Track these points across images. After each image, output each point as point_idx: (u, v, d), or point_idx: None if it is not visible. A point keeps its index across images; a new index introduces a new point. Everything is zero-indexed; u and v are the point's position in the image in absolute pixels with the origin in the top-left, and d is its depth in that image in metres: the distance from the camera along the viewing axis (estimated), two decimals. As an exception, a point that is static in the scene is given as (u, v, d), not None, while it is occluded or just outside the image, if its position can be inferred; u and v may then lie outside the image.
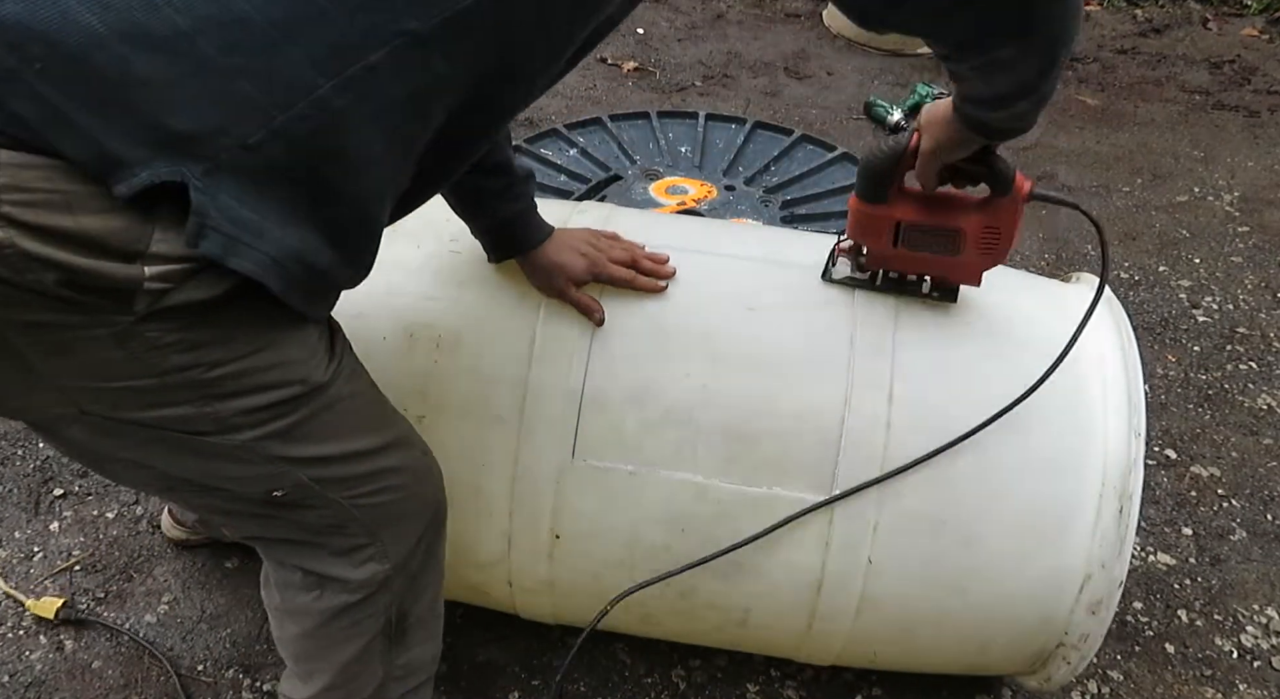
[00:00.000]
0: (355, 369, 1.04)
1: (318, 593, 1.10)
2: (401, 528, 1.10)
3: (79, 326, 0.80)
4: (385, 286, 1.31)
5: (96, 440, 0.92)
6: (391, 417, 1.10)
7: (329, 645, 1.15)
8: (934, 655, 1.36)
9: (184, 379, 0.86)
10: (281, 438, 0.94)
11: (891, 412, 1.21)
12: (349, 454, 1.00)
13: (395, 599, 1.14)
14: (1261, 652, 1.68)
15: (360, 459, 1.02)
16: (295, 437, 0.95)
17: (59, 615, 1.58)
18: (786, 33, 3.92)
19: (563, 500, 1.25)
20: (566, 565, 1.29)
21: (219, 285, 0.82)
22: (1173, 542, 1.87)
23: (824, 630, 1.29)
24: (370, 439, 1.03)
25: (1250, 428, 2.15)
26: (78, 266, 0.75)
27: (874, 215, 1.19)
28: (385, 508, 1.06)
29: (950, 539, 1.21)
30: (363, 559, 1.08)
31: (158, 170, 0.76)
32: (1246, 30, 4.16)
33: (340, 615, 1.11)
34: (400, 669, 1.22)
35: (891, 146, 1.14)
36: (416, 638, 1.22)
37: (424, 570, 1.16)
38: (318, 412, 0.95)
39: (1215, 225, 2.87)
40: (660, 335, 1.26)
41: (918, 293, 1.28)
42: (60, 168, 0.75)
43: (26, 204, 0.73)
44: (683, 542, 1.23)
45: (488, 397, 1.25)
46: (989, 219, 1.17)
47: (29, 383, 0.85)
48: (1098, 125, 3.38)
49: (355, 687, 1.18)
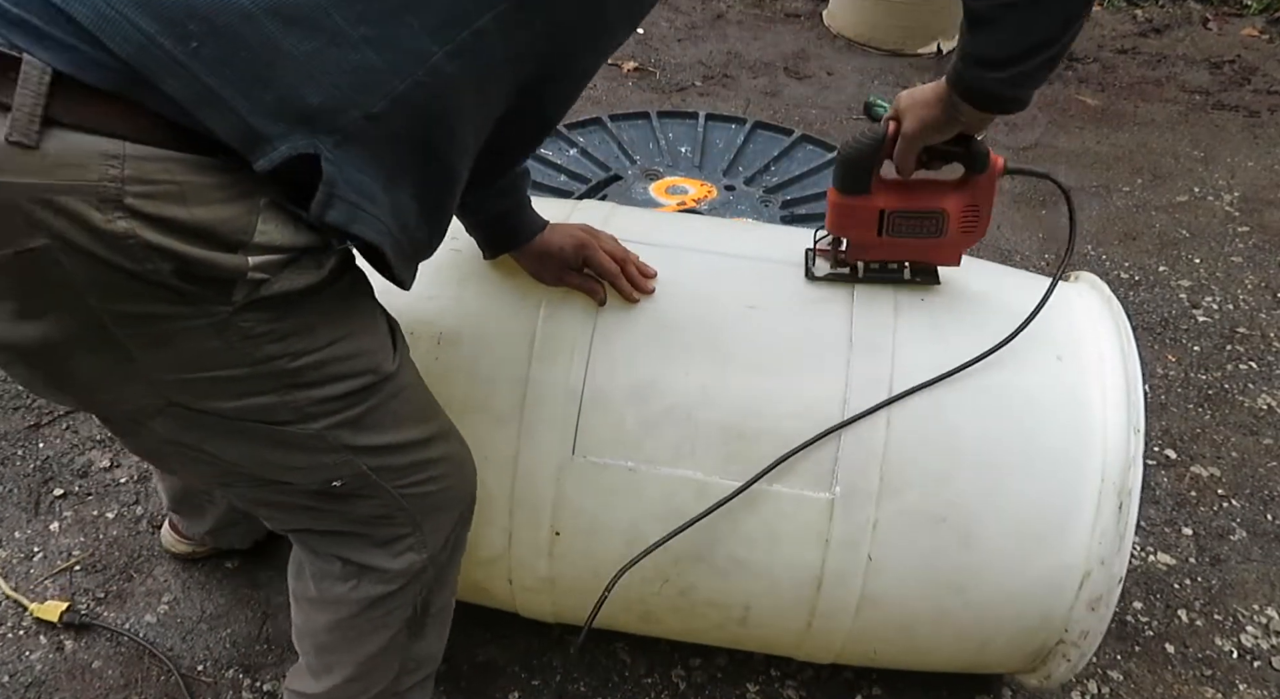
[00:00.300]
0: (410, 361, 1.07)
1: (355, 582, 1.12)
2: (440, 518, 1.12)
3: (183, 317, 0.83)
4: (385, 285, 1.32)
5: (177, 432, 0.94)
6: (437, 408, 1.12)
7: (356, 637, 1.16)
8: (934, 653, 1.36)
9: (271, 369, 0.89)
10: (352, 426, 0.97)
11: (891, 409, 1.21)
12: (406, 443, 1.04)
13: (424, 589, 1.16)
14: (1261, 652, 1.68)
15: (414, 448, 1.05)
16: (364, 425, 0.98)
17: (63, 619, 1.58)
18: (786, 33, 3.92)
19: (563, 497, 1.25)
20: (567, 562, 1.29)
21: (311, 275, 0.87)
22: (1173, 542, 1.87)
23: (824, 628, 1.29)
24: (423, 429, 1.07)
25: (1250, 428, 2.15)
26: (191, 256, 0.78)
27: (857, 207, 1.21)
28: (430, 498, 1.09)
29: (950, 536, 1.22)
30: (402, 549, 1.10)
31: (296, 143, 0.79)
32: (1246, 30, 4.16)
33: (374, 606, 1.13)
34: (413, 661, 1.23)
35: (871, 136, 1.15)
36: (434, 629, 1.24)
37: (450, 563, 1.19)
38: (385, 400, 0.99)
39: (1215, 225, 2.87)
40: (661, 333, 1.26)
41: (899, 279, 1.29)
42: (178, 159, 0.77)
43: (148, 196, 0.76)
44: (681, 539, 1.24)
45: (488, 394, 1.26)
46: (969, 198, 1.20)
47: (125, 374, 0.86)
48: (1098, 125, 3.39)
49: (373, 679, 1.19)
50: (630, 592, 1.29)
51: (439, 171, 0.92)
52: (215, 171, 0.79)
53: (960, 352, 1.26)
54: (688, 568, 1.26)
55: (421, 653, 1.24)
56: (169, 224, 0.77)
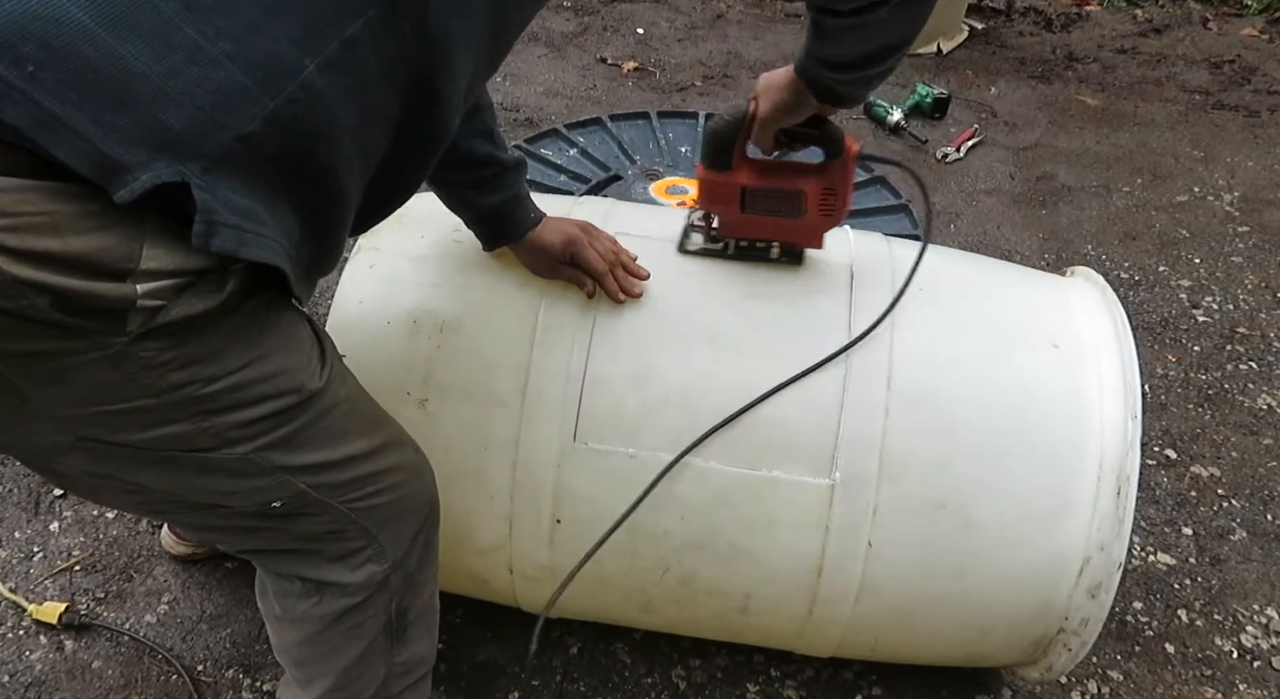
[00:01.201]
0: (344, 373, 1.03)
1: (317, 599, 1.10)
2: (398, 527, 1.10)
3: (73, 353, 0.78)
4: (389, 274, 1.34)
5: (93, 466, 0.90)
6: (383, 418, 1.09)
7: (330, 650, 1.14)
8: (935, 643, 1.36)
9: (181, 397, 0.84)
10: (282, 447, 0.93)
11: (889, 396, 1.21)
12: (346, 458, 1.00)
13: (395, 597, 1.14)
14: (1261, 652, 1.68)
15: (357, 462, 1.01)
16: (295, 445, 0.94)
17: (62, 620, 1.57)
18: (786, 33, 3.92)
19: (564, 484, 1.25)
20: (568, 550, 1.29)
21: (211, 298, 0.81)
22: (1173, 542, 1.87)
23: (824, 616, 1.29)
24: (365, 442, 1.03)
25: (1250, 428, 2.15)
26: (70, 289, 0.73)
27: (721, 182, 1.26)
28: (382, 509, 1.06)
29: (949, 522, 1.22)
30: (361, 562, 1.08)
31: (159, 171, 0.73)
32: (1246, 30, 4.16)
33: (341, 619, 1.11)
34: (401, 666, 1.21)
35: (732, 114, 1.20)
36: (416, 633, 1.22)
37: (421, 567, 1.16)
38: (316, 418, 0.95)
39: (1215, 225, 2.87)
40: (661, 320, 1.27)
41: (766, 257, 1.33)
42: (43, 188, 0.72)
43: (11, 229, 0.71)
44: (682, 527, 1.24)
45: (490, 380, 1.26)
46: (826, 181, 1.24)
47: (23, 415, 0.83)
48: (1098, 125, 3.38)
49: (358, 688, 1.18)
50: (631, 581, 1.29)
51: (324, 189, 0.87)
52: (83, 199, 0.73)
53: (959, 340, 1.27)
54: (688, 556, 1.26)
55: (410, 657, 1.22)
56: (41, 257, 0.71)
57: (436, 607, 1.26)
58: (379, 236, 1.38)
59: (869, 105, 3.28)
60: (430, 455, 1.26)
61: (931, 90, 3.27)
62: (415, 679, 1.26)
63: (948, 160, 3.09)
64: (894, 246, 1.40)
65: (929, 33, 3.77)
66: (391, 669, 1.20)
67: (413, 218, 1.39)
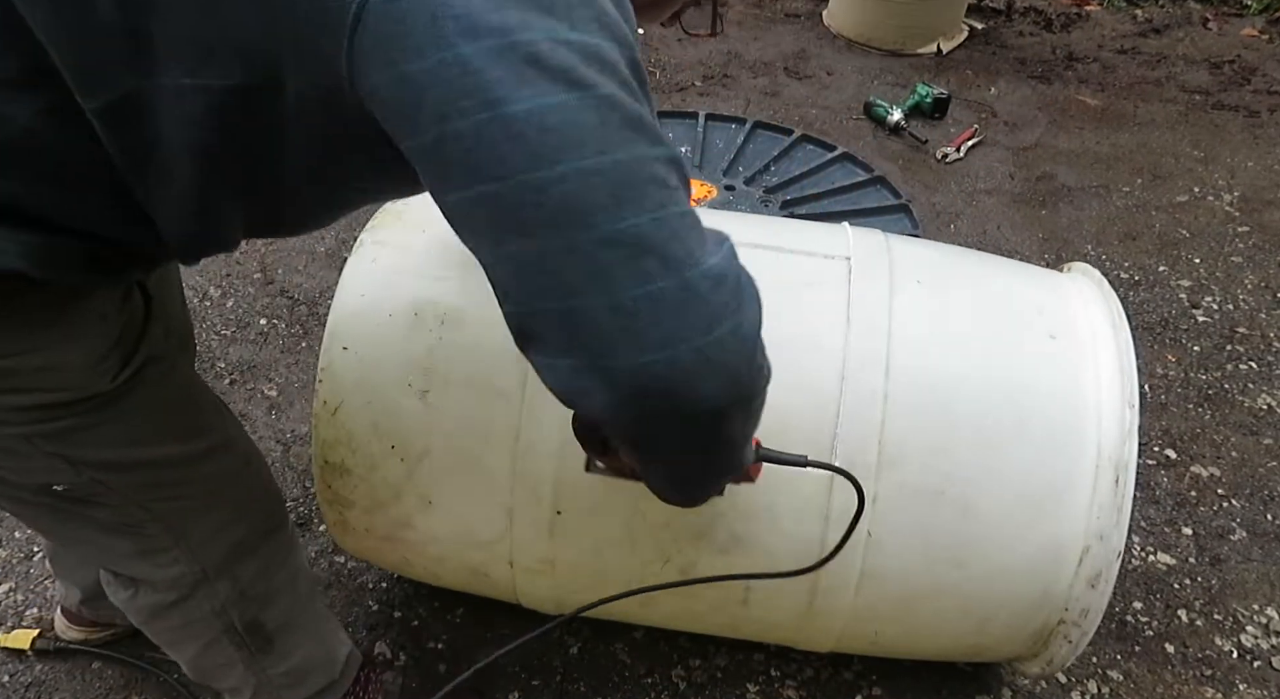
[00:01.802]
0: (163, 379, 0.98)
1: (132, 592, 1.10)
2: (213, 533, 1.07)
3: None
4: (391, 266, 1.34)
5: None
6: (208, 425, 1.05)
7: (167, 643, 1.17)
8: (935, 634, 1.36)
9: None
10: (57, 439, 0.91)
11: (888, 384, 1.22)
12: (144, 461, 0.97)
13: (227, 606, 1.12)
14: (1261, 652, 1.68)
15: (158, 467, 0.98)
16: (73, 440, 0.91)
17: (35, 645, 1.54)
18: (786, 33, 3.92)
19: (564, 475, 1.25)
20: (568, 542, 1.29)
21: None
22: (1173, 542, 1.87)
23: (825, 607, 1.29)
24: (174, 448, 0.99)
25: (1250, 428, 2.16)
26: None
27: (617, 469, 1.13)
28: (190, 513, 1.03)
29: (948, 510, 1.22)
30: (166, 562, 1.06)
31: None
32: (1246, 30, 4.15)
33: (160, 615, 1.11)
34: (285, 677, 1.21)
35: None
36: (291, 643, 1.21)
37: (263, 577, 1.14)
38: (102, 420, 0.92)
39: (1215, 225, 2.87)
40: None
41: None
42: None
43: None
44: (682, 517, 1.24)
45: (491, 371, 1.26)
46: None
47: None
48: (1098, 125, 3.38)
49: (219, 678, 1.18)
50: (631, 573, 1.30)
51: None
52: None
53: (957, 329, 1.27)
54: (688, 546, 1.26)
55: (293, 667, 1.21)
56: None
57: (319, 614, 1.25)
58: (381, 230, 1.38)
59: (869, 105, 3.28)
60: (431, 447, 1.26)
61: (931, 90, 3.27)
62: (318, 689, 1.25)
63: (948, 160, 3.09)
64: (892, 241, 1.41)
65: (929, 33, 3.77)
66: (267, 679, 1.19)
67: (414, 211, 1.39)
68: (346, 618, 1.63)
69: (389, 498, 1.31)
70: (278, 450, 1.95)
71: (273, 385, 2.11)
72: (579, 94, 0.64)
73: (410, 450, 1.27)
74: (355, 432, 1.28)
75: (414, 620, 1.64)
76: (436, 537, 1.34)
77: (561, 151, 0.63)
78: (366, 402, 1.27)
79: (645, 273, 0.64)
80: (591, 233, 0.64)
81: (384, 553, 1.42)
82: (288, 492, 1.86)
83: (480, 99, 0.63)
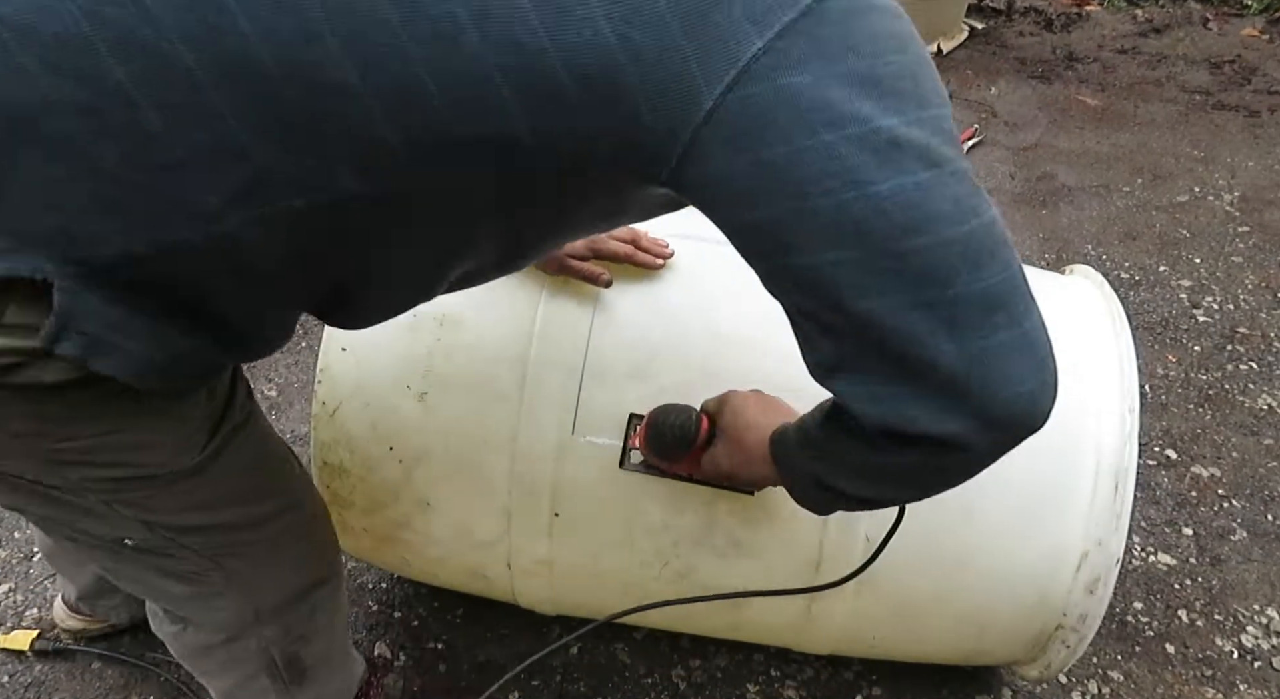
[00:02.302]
0: (244, 443, 0.97)
1: (180, 627, 1.11)
2: (270, 586, 1.08)
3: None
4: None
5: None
6: (280, 485, 1.06)
7: (204, 673, 1.19)
8: (934, 638, 1.35)
9: (25, 446, 0.82)
10: (136, 506, 0.91)
11: None
12: (213, 525, 0.98)
13: (270, 645, 1.12)
14: (1262, 652, 1.68)
15: (225, 530, 0.99)
16: (151, 506, 0.92)
17: (34, 646, 1.54)
18: (786, 33, 3.92)
19: (562, 477, 1.25)
20: (566, 544, 1.29)
21: (71, 372, 0.76)
22: (1173, 542, 1.87)
23: (822, 611, 1.29)
24: (243, 511, 1.00)
25: (1250, 428, 2.15)
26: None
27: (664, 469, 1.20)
28: (251, 567, 1.04)
29: (947, 516, 1.21)
30: (221, 606, 1.06)
31: (15, 264, 0.70)
32: (1246, 30, 4.15)
33: (208, 653, 1.12)
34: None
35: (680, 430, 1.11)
36: (321, 676, 1.22)
37: (310, 619, 1.15)
38: (179, 490, 0.92)
39: (1215, 225, 2.87)
40: (660, 313, 1.27)
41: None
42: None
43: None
44: (680, 520, 1.24)
45: (489, 374, 1.26)
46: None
47: None
48: (1098, 125, 3.38)
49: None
50: (629, 576, 1.29)
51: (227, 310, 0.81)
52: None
53: None
54: (686, 550, 1.26)
55: (316, 694, 1.22)
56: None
57: (347, 648, 1.28)
58: None
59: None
60: (429, 449, 1.26)
61: (931, 90, 3.27)
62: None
63: (948, 160, 3.09)
64: None
65: (929, 33, 3.77)
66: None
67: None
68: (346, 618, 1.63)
69: (387, 499, 1.31)
70: (277, 451, 1.95)
71: (273, 385, 2.11)
72: (935, 171, 0.68)
73: (408, 452, 1.27)
74: (354, 433, 1.28)
75: (414, 620, 1.64)
76: (435, 538, 1.34)
77: (927, 223, 0.68)
78: (365, 403, 1.27)
79: (994, 325, 0.76)
80: (948, 291, 0.70)
81: (383, 553, 1.43)
82: (287, 492, 1.86)
83: (845, 180, 0.66)
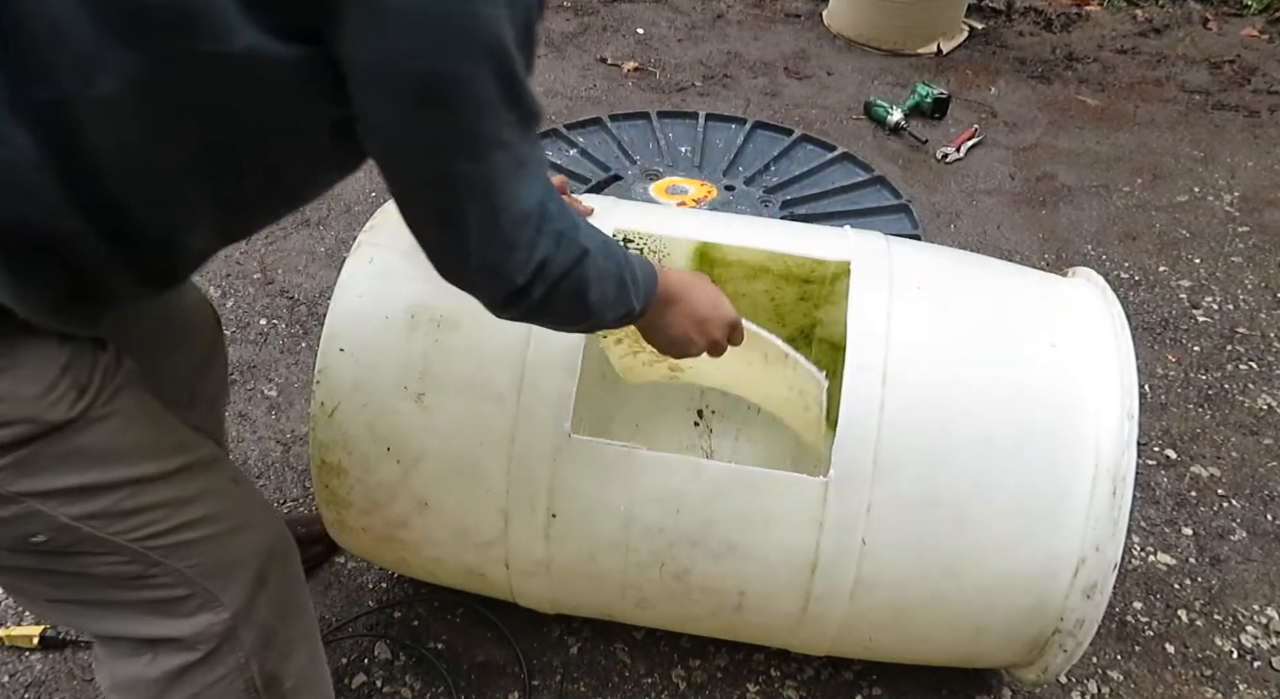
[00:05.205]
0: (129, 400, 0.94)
1: (149, 657, 0.98)
2: (228, 570, 0.99)
3: None
4: (387, 270, 1.34)
5: None
6: (182, 445, 0.99)
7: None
8: (930, 642, 1.36)
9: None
10: (17, 471, 0.86)
11: (885, 392, 1.21)
12: (114, 483, 0.91)
13: (251, 657, 1.02)
14: (1261, 652, 1.68)
15: (134, 488, 0.92)
16: (34, 470, 0.87)
17: (44, 636, 1.54)
18: (786, 33, 3.92)
19: (559, 478, 1.25)
20: (563, 545, 1.29)
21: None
22: (1173, 542, 1.87)
23: (819, 614, 1.29)
24: (151, 465, 0.94)
25: (1250, 428, 2.15)
26: None
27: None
28: (194, 547, 0.96)
29: (943, 520, 1.22)
30: (190, 610, 0.97)
31: None
32: (1246, 30, 4.15)
33: (181, 680, 0.99)
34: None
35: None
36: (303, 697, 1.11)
37: (284, 621, 1.06)
38: (61, 447, 0.88)
39: (1215, 225, 2.87)
40: None
41: None
42: None
43: None
44: (677, 522, 1.24)
45: (487, 375, 1.26)
46: None
47: None
48: (1098, 125, 3.38)
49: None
50: (627, 576, 1.30)
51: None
52: None
53: (956, 338, 1.27)
54: (683, 552, 1.27)
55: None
56: None
57: (325, 675, 1.16)
58: (378, 232, 1.39)
59: (869, 105, 3.28)
60: (427, 450, 1.26)
61: (931, 90, 3.27)
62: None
63: (948, 160, 3.09)
64: (893, 245, 1.40)
65: (929, 33, 3.77)
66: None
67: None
68: (346, 618, 1.63)
69: (385, 499, 1.31)
70: (278, 450, 1.95)
71: (273, 385, 2.11)
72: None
73: (406, 453, 1.27)
74: (352, 433, 1.28)
75: (414, 620, 1.64)
76: (433, 538, 1.34)
77: None
78: (363, 403, 1.27)
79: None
80: None
81: (381, 552, 1.43)
82: (288, 492, 1.86)
83: None
